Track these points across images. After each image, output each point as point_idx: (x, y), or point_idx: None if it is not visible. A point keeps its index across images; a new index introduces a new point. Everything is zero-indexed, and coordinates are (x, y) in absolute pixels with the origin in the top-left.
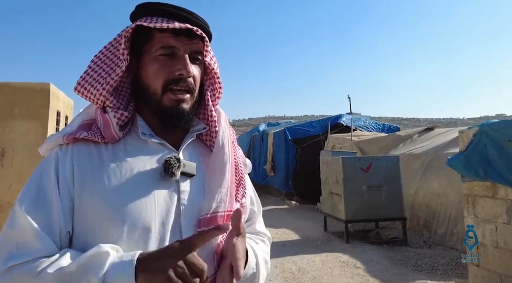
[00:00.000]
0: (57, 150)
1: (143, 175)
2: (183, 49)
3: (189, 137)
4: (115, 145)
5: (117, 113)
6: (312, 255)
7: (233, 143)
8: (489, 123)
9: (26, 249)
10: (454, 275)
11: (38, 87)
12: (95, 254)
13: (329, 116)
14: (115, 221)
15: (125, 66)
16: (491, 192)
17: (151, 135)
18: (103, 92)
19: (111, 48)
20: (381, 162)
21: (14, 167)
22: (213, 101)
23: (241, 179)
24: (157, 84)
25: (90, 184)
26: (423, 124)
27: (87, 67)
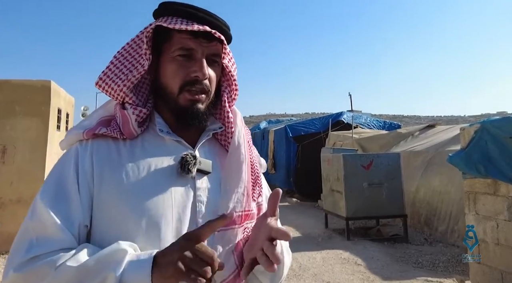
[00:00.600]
0: (77, 145)
1: (160, 171)
2: (200, 51)
3: (205, 136)
4: (133, 141)
5: (136, 110)
6: (313, 252)
7: (248, 143)
8: (490, 120)
9: (46, 241)
10: (455, 272)
11: (39, 85)
12: (114, 251)
13: (330, 114)
14: (133, 216)
15: (147, 65)
16: (492, 189)
17: (168, 132)
18: (123, 88)
19: (134, 45)
20: (382, 159)
21: (15, 163)
22: (229, 102)
23: (257, 178)
24: (174, 84)
25: (108, 179)
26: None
27: (109, 63)
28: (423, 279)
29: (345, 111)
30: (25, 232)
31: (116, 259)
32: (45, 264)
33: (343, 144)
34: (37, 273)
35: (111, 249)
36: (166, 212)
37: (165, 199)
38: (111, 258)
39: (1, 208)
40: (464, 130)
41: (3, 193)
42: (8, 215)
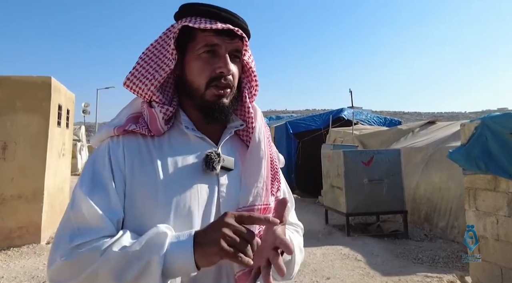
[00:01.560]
0: (108, 141)
1: (187, 168)
2: (224, 48)
3: (227, 133)
4: (160, 138)
5: (163, 108)
6: (313, 248)
7: (268, 139)
8: (490, 116)
9: (88, 230)
10: (454, 268)
11: (40, 81)
12: (155, 235)
13: (330, 110)
14: (161, 211)
15: (173, 65)
16: (493, 185)
17: (193, 129)
18: (151, 87)
19: (158, 46)
20: (383, 155)
21: (16, 160)
22: (250, 98)
23: (276, 173)
24: (200, 81)
25: (139, 173)
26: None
27: (136, 63)
28: (423, 275)
29: (346, 108)
30: (67, 221)
31: (158, 242)
32: (91, 250)
33: (344, 140)
34: (85, 259)
35: (151, 233)
36: (193, 207)
37: (192, 194)
38: (153, 241)
39: (2, 204)
40: (464, 127)
41: (4, 189)
42: (9, 210)
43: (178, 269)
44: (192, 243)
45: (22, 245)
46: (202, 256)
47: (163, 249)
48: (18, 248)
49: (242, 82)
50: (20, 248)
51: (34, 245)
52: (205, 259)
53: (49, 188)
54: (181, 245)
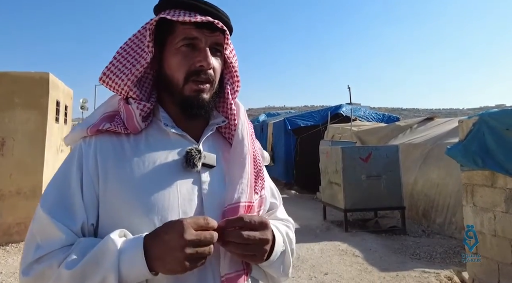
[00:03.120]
0: (81, 143)
1: (165, 166)
2: (204, 41)
3: (208, 130)
4: (137, 136)
5: (140, 104)
6: (312, 244)
7: (251, 136)
8: (488, 112)
9: (48, 242)
10: (452, 264)
11: (38, 77)
12: (106, 248)
13: (329, 107)
14: (139, 211)
15: (150, 58)
16: (490, 181)
17: (172, 126)
18: (127, 82)
19: (136, 40)
20: (381, 151)
21: (14, 156)
22: (232, 95)
23: (259, 171)
24: (179, 76)
25: (114, 175)
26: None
27: (113, 58)
28: (420, 270)
29: (344, 104)
30: (30, 235)
31: (109, 257)
32: (46, 267)
33: (342, 136)
34: (42, 275)
35: (102, 246)
36: (173, 205)
37: (171, 193)
38: (104, 256)
39: (1, 200)
40: (462, 123)
41: (2, 185)
42: (8, 206)
43: (135, 279)
44: (143, 254)
45: (20, 241)
46: (163, 269)
47: (115, 262)
48: (17, 244)
49: (225, 78)
50: (19, 244)
51: None
52: (167, 272)
53: (47, 184)
54: (133, 257)
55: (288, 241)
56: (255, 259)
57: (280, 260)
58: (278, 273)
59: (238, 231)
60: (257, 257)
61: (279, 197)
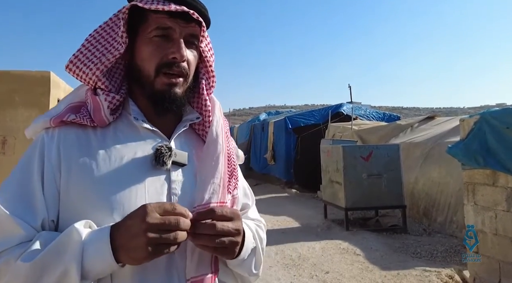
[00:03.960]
0: (43, 134)
1: (133, 162)
2: (178, 31)
3: (181, 127)
4: (104, 130)
5: (109, 96)
6: (313, 242)
7: (226, 134)
8: (490, 111)
9: (6, 238)
10: (453, 262)
11: (39, 75)
12: (69, 238)
13: (329, 106)
14: (103, 209)
15: (123, 49)
16: (491, 180)
17: (143, 121)
18: (96, 72)
19: (107, 28)
20: (381, 150)
21: (16, 155)
22: (207, 90)
23: (234, 170)
24: (150, 67)
25: (77, 170)
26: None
27: (81, 46)
28: (421, 269)
29: (345, 103)
30: None
31: (72, 247)
32: (2, 263)
33: (343, 135)
34: (1, 268)
35: (65, 236)
36: (138, 204)
37: (138, 191)
38: (67, 246)
39: None
40: (463, 122)
41: None
42: None
43: (99, 272)
44: (109, 245)
45: None
46: (128, 259)
47: (79, 253)
48: None
49: (200, 72)
50: None
51: None
52: (133, 262)
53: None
54: (98, 247)
55: (258, 238)
56: (227, 251)
57: (251, 257)
58: (250, 272)
59: (210, 222)
60: (229, 249)
61: (252, 197)
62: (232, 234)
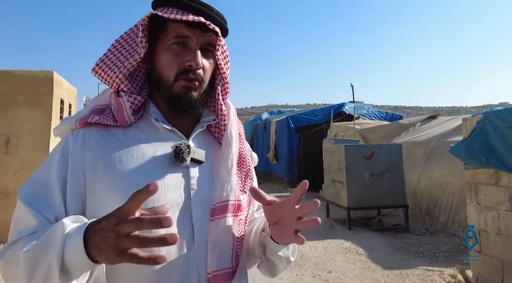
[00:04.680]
0: (69, 135)
1: (154, 160)
2: (195, 40)
3: (199, 127)
4: (126, 129)
5: (131, 97)
6: (315, 242)
7: (240, 136)
8: (492, 111)
9: (23, 227)
10: (455, 262)
11: (42, 76)
12: (53, 233)
13: (332, 105)
14: None
15: (143, 53)
16: (494, 179)
17: (163, 121)
18: (119, 75)
19: (131, 34)
20: (384, 149)
21: (19, 154)
22: (223, 96)
23: (249, 171)
24: (169, 73)
25: (102, 168)
26: (425, 112)
27: (107, 50)
28: (424, 268)
29: (347, 102)
30: (11, 222)
31: (54, 241)
32: (14, 249)
33: (345, 134)
34: (10, 258)
35: (52, 230)
36: (159, 200)
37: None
38: (51, 240)
39: (6, 198)
40: (466, 121)
41: (7, 183)
42: (13, 204)
43: (77, 267)
44: (82, 241)
45: None
46: (102, 258)
47: (60, 247)
48: None
49: (216, 78)
50: None
51: None
52: (108, 261)
53: None
54: (74, 243)
55: None
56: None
57: (290, 249)
58: (288, 259)
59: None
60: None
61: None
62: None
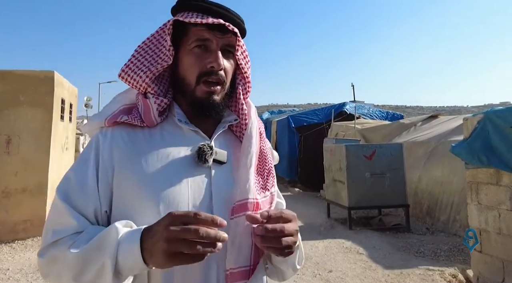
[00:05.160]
0: (98, 133)
1: (178, 160)
2: (215, 42)
3: (221, 127)
4: (152, 130)
5: (158, 99)
6: (316, 241)
7: (261, 135)
8: (493, 110)
9: (62, 228)
10: (456, 261)
11: (43, 75)
12: (107, 236)
13: (332, 105)
14: (150, 202)
15: (171, 61)
16: (495, 179)
17: (186, 122)
18: (146, 79)
19: (154, 40)
20: (385, 149)
21: (20, 154)
22: (244, 95)
23: (271, 168)
24: (191, 76)
25: (128, 165)
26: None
27: (131, 56)
28: (424, 268)
29: (348, 102)
30: (48, 220)
31: (109, 244)
32: (58, 250)
33: (346, 134)
34: (52, 259)
35: (105, 233)
36: (183, 199)
37: (182, 187)
38: (105, 242)
39: (7, 197)
40: (467, 121)
41: (8, 183)
42: (14, 204)
43: (130, 269)
44: (139, 246)
45: (26, 238)
46: (153, 263)
47: (114, 250)
48: (23, 241)
49: (237, 78)
50: (25, 241)
51: (38, 238)
52: (158, 266)
53: (53, 181)
54: (129, 247)
55: (299, 236)
56: (289, 250)
57: (295, 254)
58: (294, 267)
59: (280, 225)
60: (291, 248)
61: (282, 198)
62: (293, 234)
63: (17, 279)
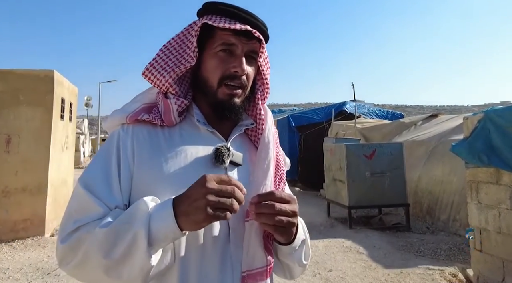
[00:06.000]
0: (119, 129)
1: (196, 160)
2: (240, 48)
3: (237, 130)
4: (171, 129)
5: (178, 100)
6: (316, 241)
7: (276, 141)
8: (494, 109)
9: (85, 214)
10: (456, 261)
11: (43, 75)
12: (137, 208)
13: (333, 104)
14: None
15: (194, 63)
16: (495, 178)
17: (204, 123)
18: (169, 80)
19: (179, 41)
20: (385, 148)
21: (20, 153)
22: (262, 100)
23: (283, 174)
24: (214, 78)
25: (148, 163)
26: (427, 111)
27: (156, 55)
28: (425, 267)
29: (348, 101)
30: (68, 211)
31: (140, 214)
32: (83, 232)
33: (346, 133)
34: (78, 241)
35: (134, 206)
36: None
37: None
38: (135, 214)
39: (7, 197)
40: (467, 120)
41: (8, 182)
42: (13, 203)
43: (163, 238)
44: (172, 210)
45: (26, 237)
46: (189, 223)
47: (146, 220)
48: (23, 240)
49: (257, 84)
50: (25, 240)
51: (38, 237)
52: (193, 225)
53: (52, 180)
54: (162, 214)
55: (306, 233)
56: (286, 231)
57: (301, 248)
58: (300, 262)
59: (270, 202)
60: (287, 229)
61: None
62: (289, 214)
63: (16, 279)
